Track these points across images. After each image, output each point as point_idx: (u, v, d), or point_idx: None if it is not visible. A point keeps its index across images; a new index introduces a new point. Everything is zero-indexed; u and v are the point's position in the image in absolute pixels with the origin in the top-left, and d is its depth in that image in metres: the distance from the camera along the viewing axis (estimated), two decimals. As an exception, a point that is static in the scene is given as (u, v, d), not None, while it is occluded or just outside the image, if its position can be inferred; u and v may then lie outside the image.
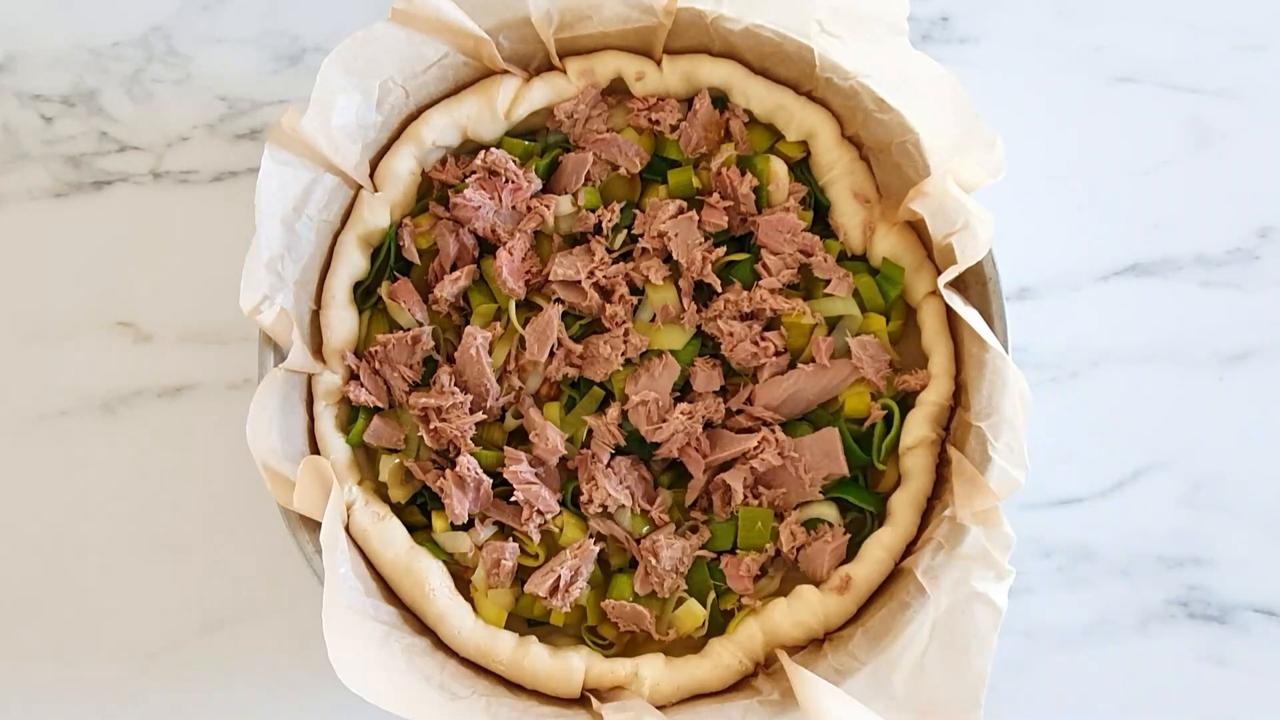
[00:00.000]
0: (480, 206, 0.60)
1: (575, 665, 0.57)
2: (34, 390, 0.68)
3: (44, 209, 0.69)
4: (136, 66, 0.70)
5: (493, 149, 0.61)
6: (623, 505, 0.59)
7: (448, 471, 0.59)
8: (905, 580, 0.57)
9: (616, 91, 0.63)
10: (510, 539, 0.60)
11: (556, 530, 0.60)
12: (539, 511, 0.59)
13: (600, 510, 0.59)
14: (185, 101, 0.70)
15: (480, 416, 0.59)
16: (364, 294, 0.61)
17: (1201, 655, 0.67)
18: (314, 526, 0.57)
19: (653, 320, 0.61)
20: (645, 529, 0.60)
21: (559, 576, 0.58)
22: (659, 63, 0.62)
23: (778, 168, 0.62)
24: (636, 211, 0.62)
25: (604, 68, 0.61)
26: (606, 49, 0.62)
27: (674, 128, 0.62)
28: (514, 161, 0.61)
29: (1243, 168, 0.70)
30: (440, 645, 0.58)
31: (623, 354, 0.59)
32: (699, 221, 0.61)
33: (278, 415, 0.57)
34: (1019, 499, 0.65)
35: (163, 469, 0.67)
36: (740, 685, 0.58)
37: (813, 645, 0.58)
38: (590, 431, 0.60)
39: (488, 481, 0.59)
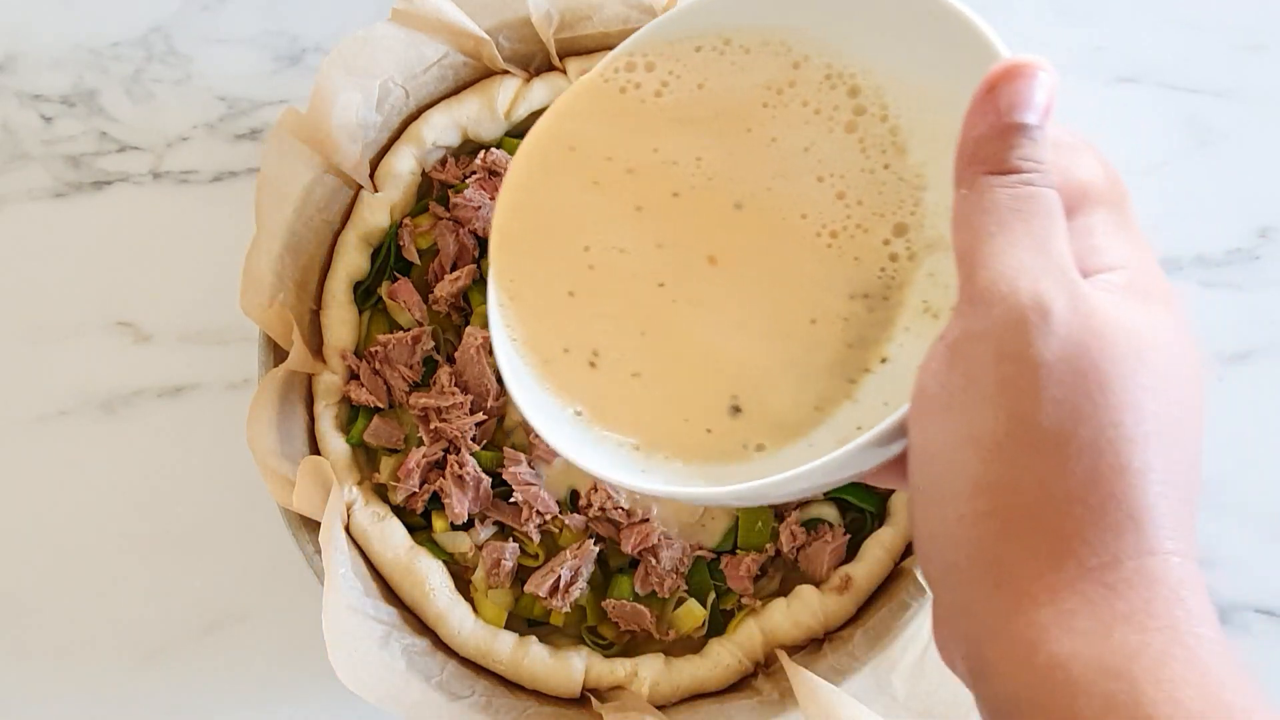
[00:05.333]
0: (480, 206, 0.60)
1: (575, 665, 0.57)
2: (33, 390, 0.68)
3: (44, 209, 0.69)
4: (136, 66, 0.70)
5: (493, 149, 0.61)
6: (620, 507, 0.59)
7: (447, 471, 0.59)
8: (905, 580, 0.57)
9: (616, 91, 0.63)
10: (510, 539, 0.60)
11: (556, 531, 0.60)
12: (538, 512, 0.59)
13: (600, 514, 0.59)
14: (185, 101, 0.70)
15: (480, 416, 0.59)
16: (364, 294, 0.61)
17: (1201, 655, 0.67)
18: (314, 526, 0.57)
19: (653, 320, 0.61)
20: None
21: (559, 577, 0.58)
22: (659, 63, 0.62)
23: (778, 168, 0.62)
24: (636, 211, 0.62)
25: (604, 68, 0.61)
26: (607, 49, 0.62)
27: (674, 128, 0.62)
28: (514, 161, 0.61)
29: (1243, 168, 0.70)
30: (440, 645, 0.58)
31: (623, 354, 0.59)
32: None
33: (278, 415, 0.57)
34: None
35: (163, 469, 0.67)
36: (740, 685, 0.58)
37: (812, 645, 0.58)
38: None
39: (487, 481, 0.59)
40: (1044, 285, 0.32)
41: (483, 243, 0.62)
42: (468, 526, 0.60)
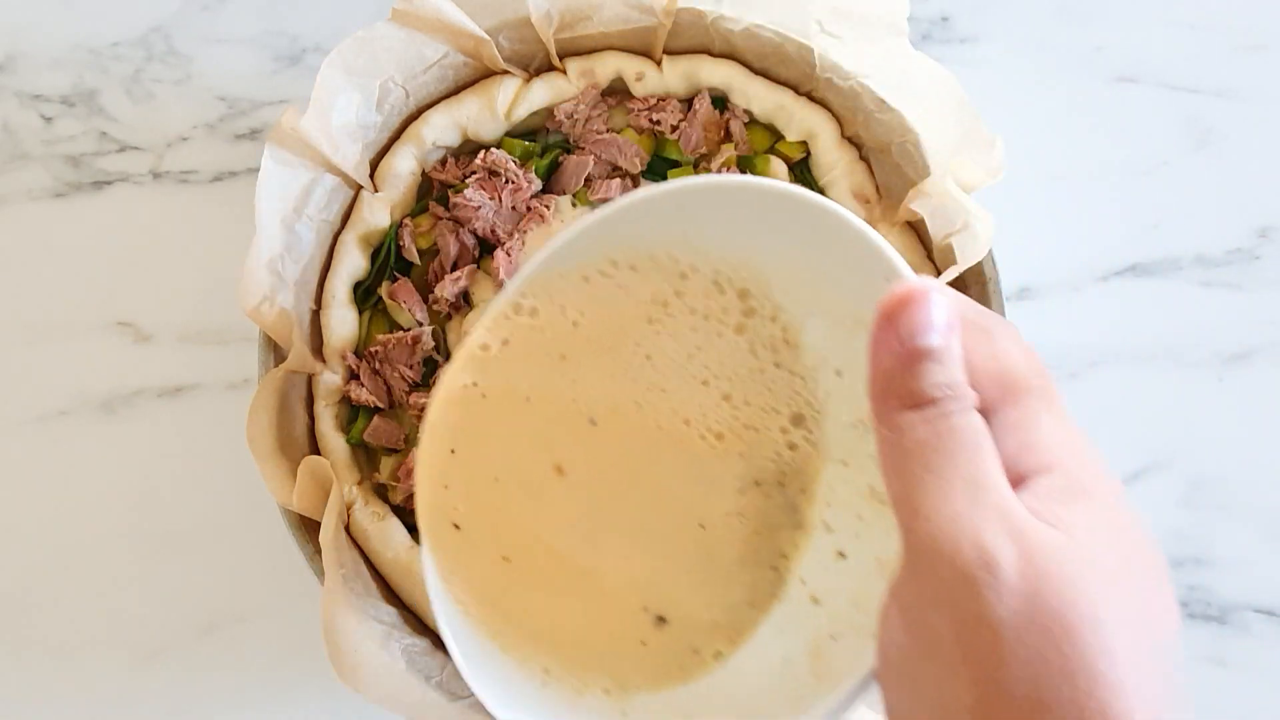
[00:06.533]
0: (480, 206, 0.60)
1: (575, 666, 0.57)
2: (33, 390, 0.68)
3: (44, 209, 0.69)
4: (136, 66, 0.70)
5: (493, 149, 0.61)
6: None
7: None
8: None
9: (617, 92, 0.63)
10: (510, 539, 0.60)
11: (556, 530, 0.60)
12: (539, 511, 0.59)
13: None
14: (185, 101, 0.70)
15: (480, 416, 0.59)
16: (364, 294, 0.61)
17: (1201, 655, 0.67)
18: (314, 526, 0.57)
19: (653, 320, 0.61)
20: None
21: (559, 576, 0.58)
22: (659, 63, 0.62)
23: (778, 168, 0.62)
24: (636, 211, 0.62)
25: (604, 68, 0.61)
26: (607, 49, 0.62)
27: (674, 128, 0.62)
28: (514, 162, 0.61)
29: (1243, 168, 0.70)
30: (440, 645, 0.58)
31: (623, 354, 0.59)
32: (699, 221, 0.61)
33: (277, 415, 0.57)
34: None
35: (163, 469, 0.67)
36: (740, 685, 0.58)
37: (813, 645, 0.58)
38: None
39: (488, 481, 0.59)
40: (987, 536, 0.31)
41: (483, 243, 0.62)
42: (468, 526, 0.60)
